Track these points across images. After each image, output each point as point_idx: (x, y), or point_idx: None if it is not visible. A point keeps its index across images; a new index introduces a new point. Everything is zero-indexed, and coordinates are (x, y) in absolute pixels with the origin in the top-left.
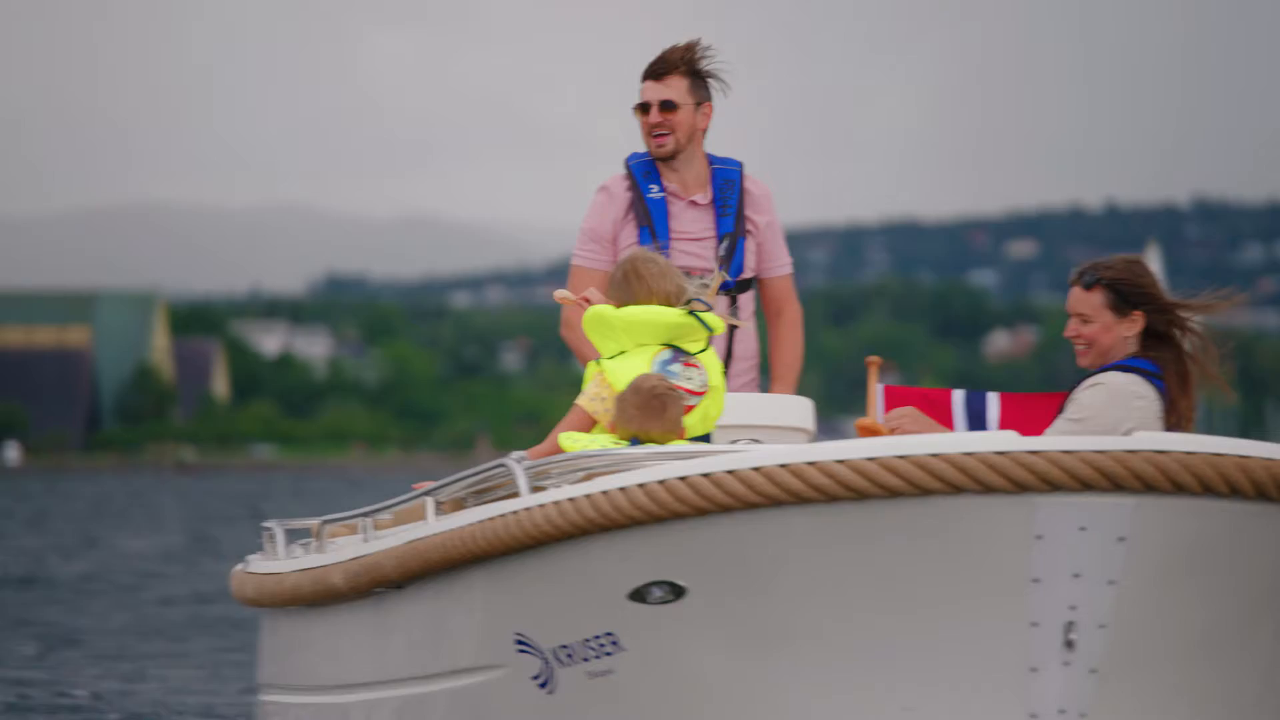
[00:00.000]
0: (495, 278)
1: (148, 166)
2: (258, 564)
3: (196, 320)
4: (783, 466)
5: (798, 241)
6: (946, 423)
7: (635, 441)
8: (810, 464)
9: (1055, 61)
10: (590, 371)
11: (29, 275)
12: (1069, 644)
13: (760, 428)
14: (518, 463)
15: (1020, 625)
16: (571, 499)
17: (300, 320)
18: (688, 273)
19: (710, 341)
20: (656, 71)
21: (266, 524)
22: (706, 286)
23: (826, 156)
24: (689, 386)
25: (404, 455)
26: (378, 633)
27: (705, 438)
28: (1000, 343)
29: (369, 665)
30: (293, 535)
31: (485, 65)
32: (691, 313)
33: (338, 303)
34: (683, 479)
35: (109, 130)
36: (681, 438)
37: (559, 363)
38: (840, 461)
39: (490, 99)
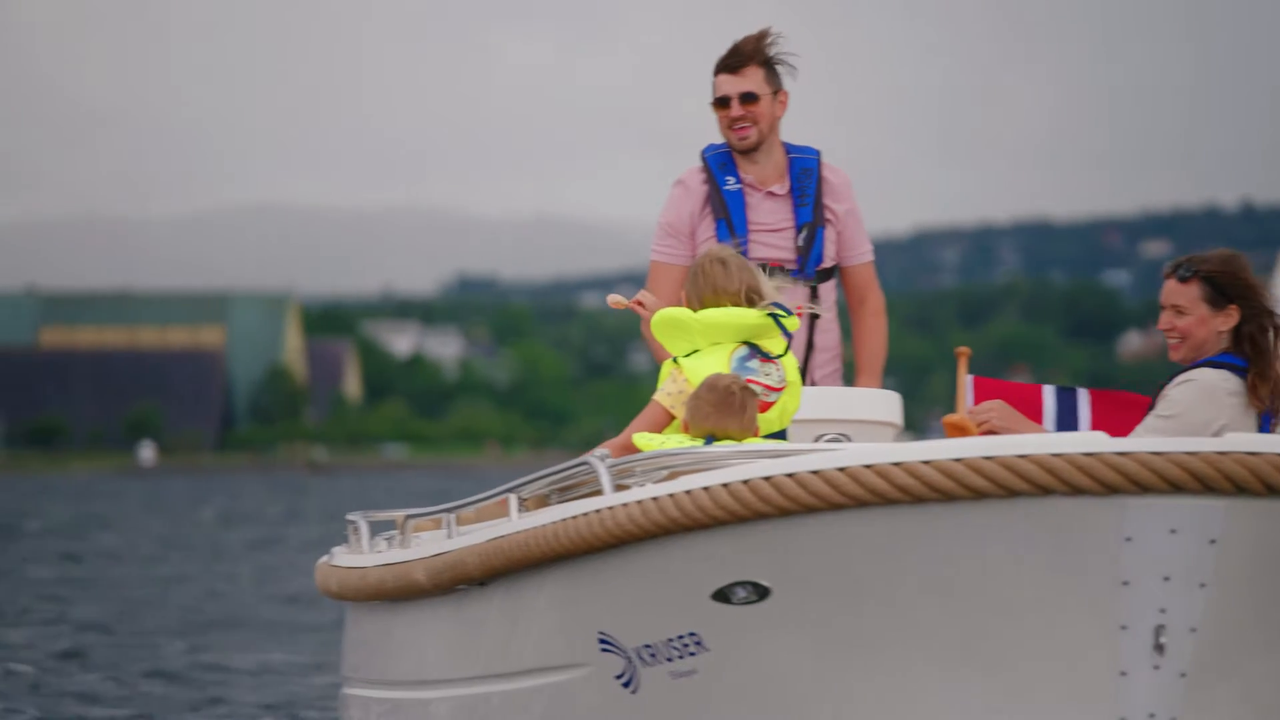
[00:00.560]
0: (625, 278)
1: (281, 168)
2: (341, 557)
3: (328, 321)
4: (868, 467)
5: (929, 242)
6: (1035, 417)
7: (710, 440)
8: (896, 464)
9: (1190, 59)
10: (666, 369)
11: (164, 276)
12: (1159, 648)
13: (848, 422)
14: (601, 460)
15: (1109, 628)
16: (655, 498)
17: (431, 321)
18: (765, 264)
19: (789, 338)
20: (731, 65)
21: (351, 516)
22: (782, 289)
23: (958, 156)
24: (767, 382)
25: (535, 455)
26: (460, 629)
27: (782, 434)
28: (1133, 343)
29: (451, 662)
30: (376, 528)
31: (617, 67)
32: (771, 315)
33: (468, 303)
34: (767, 479)
35: (244, 131)
36: (756, 435)
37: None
38: (926, 462)
39: (621, 100)
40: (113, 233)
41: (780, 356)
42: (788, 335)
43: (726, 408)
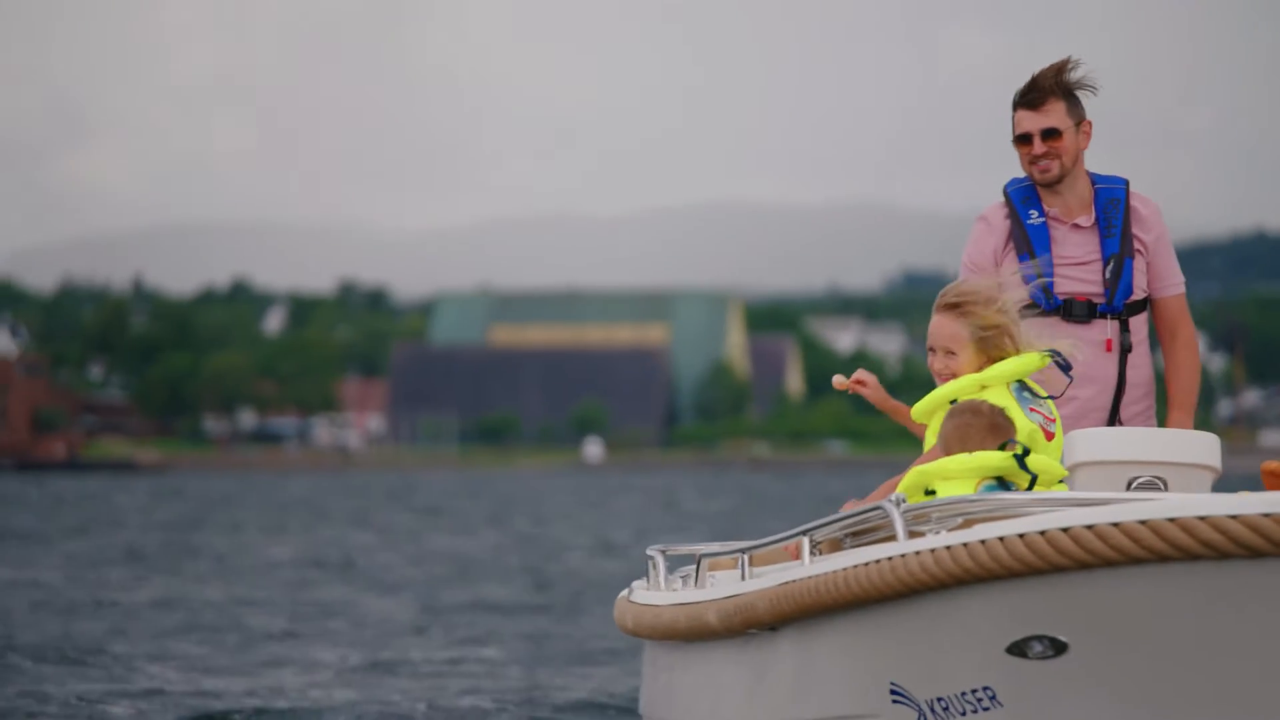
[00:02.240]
0: None
1: (725, 164)
2: (640, 593)
3: (771, 318)
4: (1171, 521)
5: None
6: None
7: (1026, 453)
8: (1201, 519)
9: None
10: (940, 415)
11: (610, 275)
12: None
13: (1164, 464)
14: (895, 506)
15: None
16: (948, 547)
17: (875, 317)
18: (1073, 298)
19: (1068, 373)
20: (1031, 100)
21: (650, 551)
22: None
23: None
24: (1045, 412)
25: None
26: (751, 673)
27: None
28: None
29: (742, 707)
30: (676, 561)
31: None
32: (1056, 361)
33: (913, 299)
34: (1065, 530)
35: (691, 131)
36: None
37: None
38: (1234, 517)
39: None
40: (563, 232)
41: (1046, 398)
42: (1067, 373)
43: (998, 430)
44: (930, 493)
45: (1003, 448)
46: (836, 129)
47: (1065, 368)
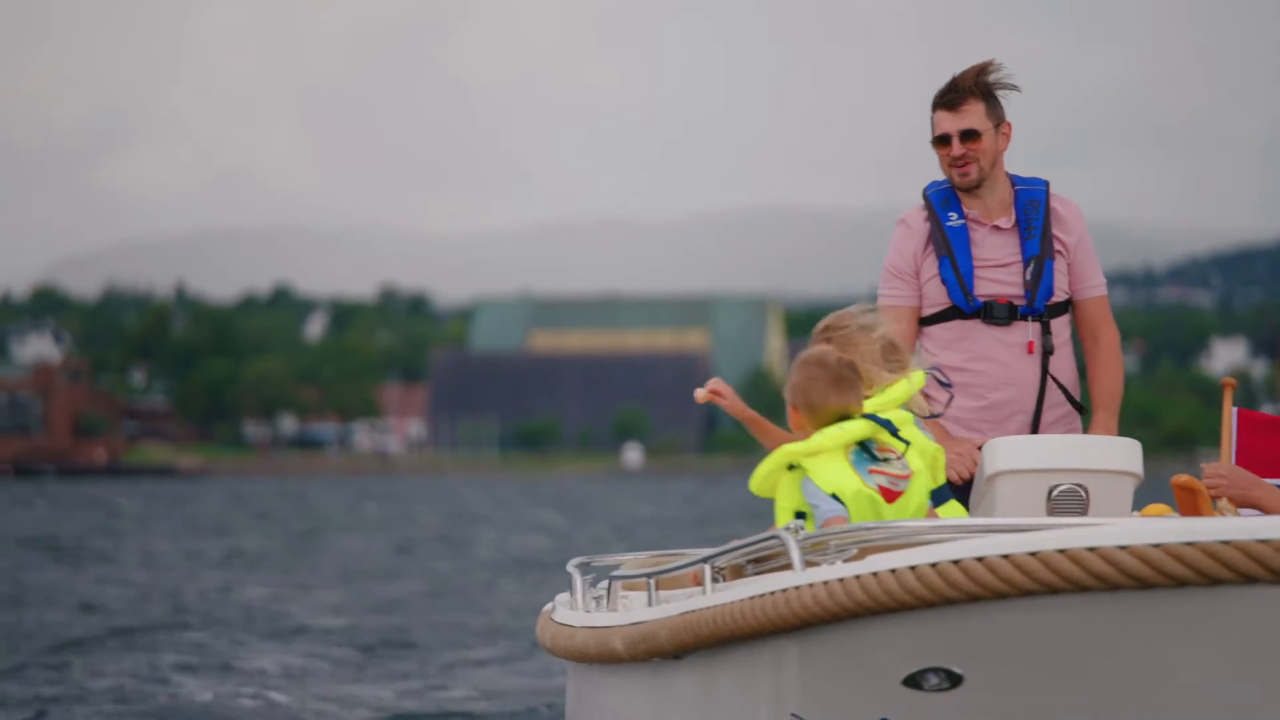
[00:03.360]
0: (1119, 278)
1: (766, 169)
2: (560, 611)
3: (812, 323)
4: (1061, 552)
5: None
6: None
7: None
8: (1091, 550)
9: None
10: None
11: (650, 280)
12: None
13: (1084, 471)
14: (793, 535)
15: None
16: (841, 580)
17: None
18: (994, 300)
19: (950, 390)
20: (950, 101)
21: (570, 566)
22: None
23: None
24: (931, 433)
25: None
26: (656, 702)
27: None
28: None
29: None
30: (601, 574)
31: (1114, 62)
32: (936, 379)
33: None
34: (956, 562)
35: (729, 134)
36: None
37: (1176, 365)
38: (1123, 548)
39: (1117, 95)
40: (602, 237)
41: (927, 417)
42: (947, 389)
43: (844, 382)
44: (793, 468)
45: (849, 416)
46: (876, 133)
47: (946, 384)
